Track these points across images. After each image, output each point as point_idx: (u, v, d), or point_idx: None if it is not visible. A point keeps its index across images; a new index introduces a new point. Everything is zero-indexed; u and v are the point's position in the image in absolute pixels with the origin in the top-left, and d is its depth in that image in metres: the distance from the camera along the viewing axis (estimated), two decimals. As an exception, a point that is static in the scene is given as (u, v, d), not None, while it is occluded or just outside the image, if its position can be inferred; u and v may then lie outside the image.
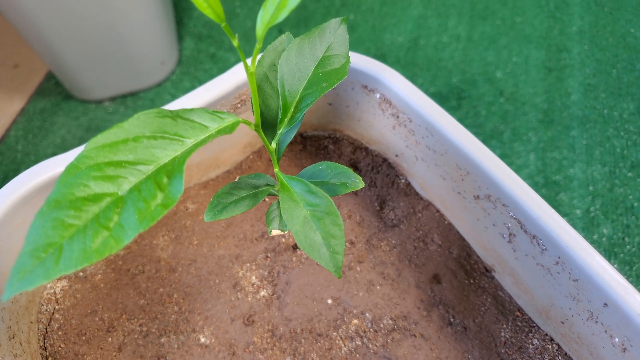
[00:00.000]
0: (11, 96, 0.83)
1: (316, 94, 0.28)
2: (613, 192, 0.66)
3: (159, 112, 0.23)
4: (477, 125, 0.72)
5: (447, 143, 0.35)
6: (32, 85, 0.84)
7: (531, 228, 0.33)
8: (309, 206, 0.28)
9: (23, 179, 0.35)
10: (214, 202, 0.30)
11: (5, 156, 0.76)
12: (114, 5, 0.67)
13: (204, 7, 0.21)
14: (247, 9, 0.89)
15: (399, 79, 0.37)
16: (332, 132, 0.46)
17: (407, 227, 0.41)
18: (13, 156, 0.76)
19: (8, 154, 0.77)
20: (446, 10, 0.85)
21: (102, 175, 0.21)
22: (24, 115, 0.81)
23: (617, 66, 0.77)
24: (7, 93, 0.83)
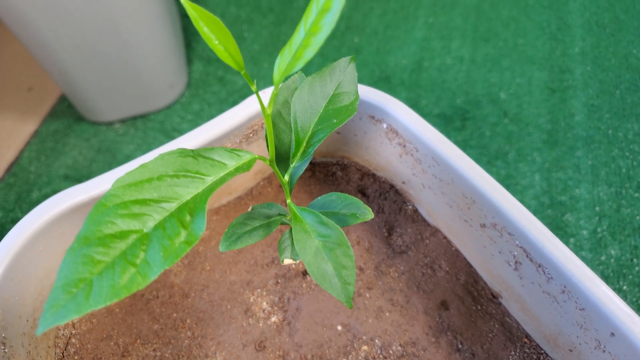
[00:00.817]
0: (25, 118, 0.85)
1: (327, 130, 0.30)
2: (620, 213, 0.67)
3: (181, 152, 0.25)
4: (482, 146, 0.73)
5: (453, 173, 0.36)
6: (46, 108, 0.86)
7: (537, 257, 0.34)
8: (320, 237, 0.29)
9: (44, 208, 0.36)
10: (229, 232, 0.31)
11: (18, 177, 0.78)
12: (126, 32, 0.69)
13: (225, 56, 0.22)
14: (254, 33, 0.91)
15: (405, 109, 0.39)
16: (340, 158, 0.48)
17: (415, 254, 0.41)
18: (26, 177, 0.78)
19: (21, 175, 0.78)
20: (449, 33, 0.87)
21: (128, 213, 0.22)
22: (37, 137, 0.82)
23: (621, 87, 0.78)
24: (21, 115, 0.85)
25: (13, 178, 0.78)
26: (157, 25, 0.73)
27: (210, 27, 0.21)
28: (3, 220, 0.73)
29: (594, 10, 0.87)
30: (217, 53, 0.22)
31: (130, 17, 0.68)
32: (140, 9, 0.68)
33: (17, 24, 0.64)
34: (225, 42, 0.22)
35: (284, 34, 0.90)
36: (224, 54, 0.22)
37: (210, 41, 0.22)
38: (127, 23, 0.68)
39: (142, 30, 0.71)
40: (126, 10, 0.67)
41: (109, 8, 0.65)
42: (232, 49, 0.22)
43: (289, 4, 0.95)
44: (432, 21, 0.89)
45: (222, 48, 0.22)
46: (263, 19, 0.93)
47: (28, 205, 0.74)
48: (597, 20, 0.86)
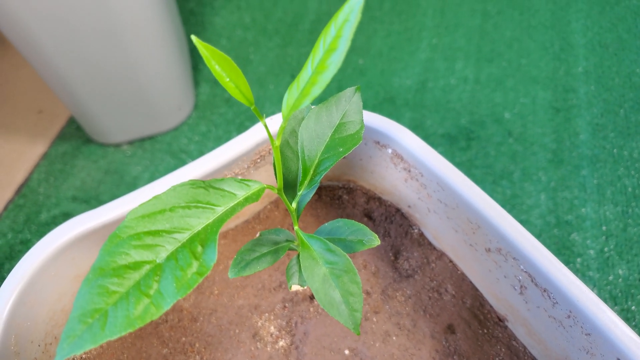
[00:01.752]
0: (35, 140, 0.86)
1: (333, 159, 0.30)
2: (627, 232, 0.67)
3: (192, 183, 0.25)
4: (487, 165, 0.74)
5: (458, 198, 0.37)
6: (55, 130, 0.88)
7: (541, 282, 0.34)
8: (328, 264, 0.29)
9: (56, 234, 0.37)
10: (238, 258, 0.32)
11: (27, 199, 0.79)
12: (134, 55, 0.70)
13: (236, 93, 0.23)
14: (260, 55, 0.92)
15: (409, 135, 0.39)
16: (346, 182, 0.48)
17: (421, 277, 0.42)
18: (35, 199, 0.79)
19: (30, 197, 0.79)
20: (453, 54, 0.88)
21: (142, 244, 0.23)
22: (46, 159, 0.84)
23: (625, 106, 0.78)
24: (31, 137, 0.87)
25: (22, 199, 0.79)
26: (165, 48, 0.74)
27: (221, 66, 0.22)
28: (12, 242, 0.73)
29: (596, 30, 0.88)
30: (228, 90, 0.23)
31: (138, 40, 0.69)
32: (148, 33, 0.69)
33: (28, 48, 0.65)
34: (236, 80, 0.23)
35: (289, 56, 0.91)
36: (235, 90, 0.23)
37: (221, 79, 0.22)
38: (135, 47, 0.69)
39: (150, 53, 0.72)
40: (135, 34, 0.68)
41: (118, 32, 0.66)
42: (242, 86, 0.23)
43: (294, 27, 0.96)
44: (436, 42, 0.90)
45: (233, 85, 0.23)
46: (269, 41, 0.94)
47: (37, 226, 0.75)
48: (599, 40, 0.87)
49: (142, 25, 0.68)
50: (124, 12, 0.65)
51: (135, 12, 0.66)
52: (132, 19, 0.66)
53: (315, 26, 0.95)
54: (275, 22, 0.98)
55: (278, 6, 1.01)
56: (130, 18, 0.66)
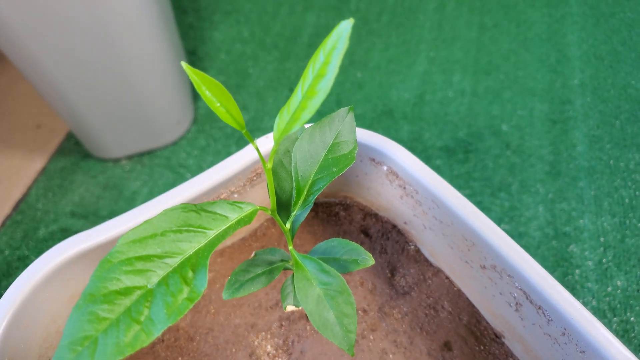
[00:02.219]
0: (33, 156, 0.86)
1: (327, 179, 0.30)
2: (625, 243, 0.66)
3: (184, 207, 0.25)
4: (485, 178, 0.74)
5: (453, 215, 0.37)
6: (53, 145, 0.88)
7: (536, 299, 0.34)
8: (322, 285, 0.29)
9: (50, 255, 0.37)
10: (232, 280, 0.32)
11: (25, 215, 0.79)
12: (133, 71, 0.71)
13: (226, 117, 0.23)
14: (259, 69, 0.93)
15: (404, 153, 0.39)
16: (343, 198, 0.48)
17: (417, 294, 0.42)
18: (33, 214, 0.79)
19: (28, 213, 0.79)
20: (450, 67, 0.88)
21: (133, 270, 0.23)
22: (45, 174, 0.84)
23: (620, 117, 0.78)
24: (29, 152, 0.87)
25: (20, 215, 0.79)
26: (164, 64, 0.75)
27: (211, 91, 0.22)
28: (10, 258, 0.73)
29: (591, 42, 0.89)
30: (219, 115, 0.23)
31: (137, 57, 0.70)
32: (147, 50, 0.70)
33: (26, 64, 0.66)
34: (226, 105, 0.23)
35: (288, 70, 0.92)
36: (226, 115, 0.23)
37: (212, 104, 0.23)
38: (134, 63, 0.70)
39: (149, 69, 0.72)
40: (134, 51, 0.68)
41: (117, 50, 0.67)
42: (233, 111, 0.23)
43: (292, 41, 0.97)
44: (434, 55, 0.91)
45: (224, 110, 0.23)
46: (268, 55, 0.95)
47: (35, 242, 0.75)
48: (595, 52, 0.87)
49: (141, 42, 0.69)
50: (122, 30, 0.65)
51: (134, 29, 0.66)
52: (130, 36, 0.66)
53: (313, 40, 0.96)
54: (273, 36, 0.98)
55: (277, 20, 1.01)
56: (129, 35, 0.66)
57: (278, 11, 1.03)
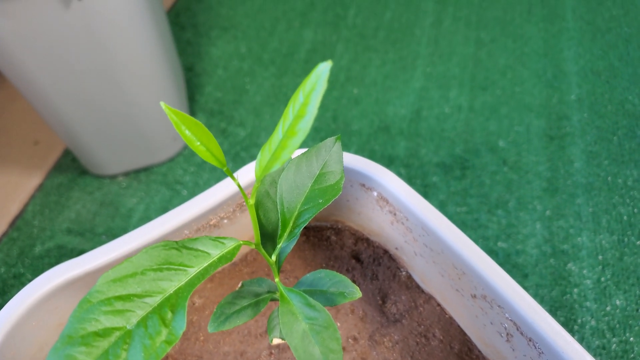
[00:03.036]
0: (30, 172, 0.86)
1: (313, 210, 0.30)
2: (623, 262, 0.66)
3: (165, 244, 0.25)
4: (482, 194, 0.73)
5: (442, 244, 0.37)
6: (50, 162, 0.88)
7: (527, 331, 0.34)
8: (307, 320, 0.29)
9: (38, 283, 0.37)
10: (217, 312, 0.31)
11: (22, 232, 0.79)
12: (129, 87, 0.71)
13: (207, 156, 0.23)
14: (256, 85, 0.93)
15: (394, 179, 0.39)
16: (334, 223, 0.48)
17: (409, 322, 0.41)
18: (29, 231, 0.79)
19: (25, 229, 0.79)
20: (447, 82, 0.88)
21: (112, 310, 0.23)
22: (42, 191, 0.84)
23: (618, 133, 0.78)
24: (26, 169, 0.87)
25: (16, 232, 0.79)
26: (161, 81, 0.75)
27: (191, 130, 0.22)
28: (5, 276, 0.73)
29: (588, 57, 0.89)
30: (198, 154, 0.23)
31: (134, 75, 0.70)
32: (144, 68, 0.70)
33: (22, 82, 0.66)
34: (207, 143, 0.23)
35: (285, 86, 0.92)
36: (206, 153, 0.23)
37: (191, 143, 0.22)
38: (131, 81, 0.70)
39: (146, 87, 0.73)
40: (130, 67, 0.68)
41: (113, 65, 0.67)
42: (213, 149, 0.23)
43: (289, 57, 0.97)
44: (430, 71, 0.91)
45: (204, 149, 0.23)
46: (265, 71, 0.95)
47: (30, 260, 0.75)
48: (591, 68, 0.87)
49: (137, 61, 0.69)
50: (119, 47, 0.66)
51: (131, 46, 0.67)
52: (127, 53, 0.67)
53: (310, 56, 0.96)
54: (271, 52, 0.98)
55: (274, 36, 1.02)
56: (126, 52, 0.67)
57: (275, 27, 1.04)
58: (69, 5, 0.60)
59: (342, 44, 0.98)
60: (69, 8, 0.60)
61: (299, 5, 1.07)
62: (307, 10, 1.06)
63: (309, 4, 1.08)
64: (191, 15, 1.09)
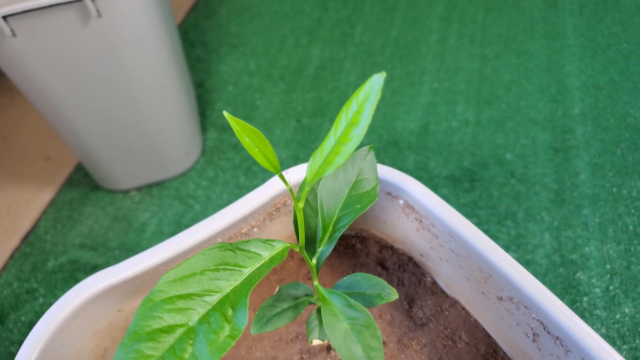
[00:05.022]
0: (42, 187, 0.87)
1: (352, 215, 0.32)
2: (630, 270, 0.67)
3: (221, 246, 0.26)
4: (491, 206, 0.75)
5: (469, 248, 0.38)
6: (62, 177, 0.89)
7: (554, 330, 0.35)
8: (349, 320, 0.30)
9: (76, 291, 0.38)
10: (259, 315, 0.32)
11: (34, 247, 0.79)
12: (143, 103, 0.72)
13: (263, 161, 0.24)
14: (266, 101, 0.94)
15: (420, 187, 0.41)
16: (359, 231, 0.49)
17: (435, 326, 0.42)
18: (42, 246, 0.79)
19: (37, 245, 0.80)
20: (454, 97, 0.90)
21: (174, 308, 0.24)
22: (54, 206, 0.84)
23: (621, 145, 0.80)
24: (38, 184, 0.88)
25: (29, 247, 0.79)
26: (174, 97, 0.76)
27: (250, 138, 0.24)
28: (18, 291, 0.74)
29: (590, 72, 0.91)
30: (256, 159, 0.24)
31: (148, 90, 0.71)
32: (158, 83, 0.72)
33: (41, 99, 0.67)
34: (264, 150, 0.24)
35: (294, 101, 0.94)
36: (263, 159, 0.24)
37: (251, 149, 0.24)
38: (145, 96, 0.71)
39: (159, 102, 0.74)
40: (144, 85, 0.70)
41: (128, 83, 0.68)
42: (270, 155, 0.24)
43: (298, 74, 0.99)
44: (437, 86, 0.93)
45: (262, 155, 0.24)
46: (274, 87, 0.97)
47: (43, 275, 0.75)
48: (593, 82, 0.90)
49: (152, 76, 0.70)
50: (136, 64, 0.67)
51: (146, 63, 0.68)
52: (142, 70, 0.68)
53: (319, 72, 0.98)
54: (280, 69, 1.00)
55: (282, 53, 1.04)
56: (141, 69, 0.68)
57: (284, 44, 1.06)
58: (88, 22, 0.61)
59: (349, 60, 1.00)
60: (88, 25, 0.61)
61: (306, 23, 1.10)
62: (314, 28, 1.09)
63: (316, 21, 1.10)
64: (200, 33, 1.11)
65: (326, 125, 0.89)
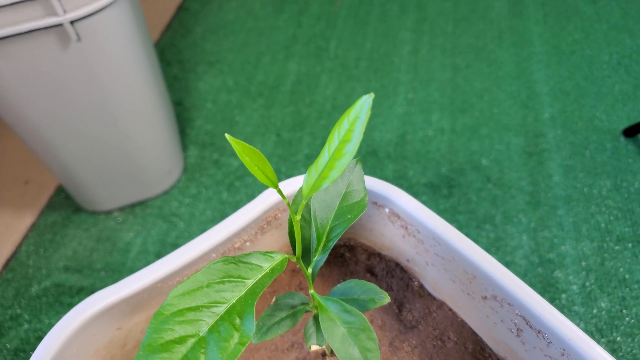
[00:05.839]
0: (22, 212, 0.86)
1: (344, 225, 0.33)
2: (604, 266, 0.70)
3: (225, 260, 0.28)
4: (470, 211, 0.77)
5: (454, 252, 0.40)
6: (43, 200, 0.88)
7: (535, 324, 0.37)
8: (345, 324, 0.31)
9: (76, 312, 0.38)
10: (259, 324, 0.34)
11: (16, 272, 0.78)
12: (124, 124, 0.72)
13: (263, 178, 0.26)
14: (245, 116, 0.96)
15: (404, 196, 0.43)
16: (348, 240, 0.51)
17: (424, 327, 0.44)
18: (24, 272, 0.78)
19: (19, 270, 0.79)
20: (428, 107, 0.93)
21: (185, 320, 0.25)
22: (35, 230, 0.84)
23: (590, 147, 0.84)
24: (17, 209, 0.87)
25: (11, 273, 0.78)
26: (154, 115, 0.77)
27: (251, 157, 0.25)
28: (1, 318, 0.73)
29: (557, 78, 0.95)
30: (256, 176, 0.26)
31: (129, 112, 0.72)
32: (137, 102, 0.72)
33: (18, 120, 0.67)
34: (263, 168, 0.26)
35: (273, 116, 0.95)
36: (262, 176, 0.26)
37: (251, 167, 0.25)
38: (126, 115, 0.72)
39: (139, 121, 0.74)
40: (125, 103, 0.70)
41: (109, 101, 0.69)
42: (269, 173, 0.26)
43: (276, 89, 1.01)
44: (412, 97, 0.96)
45: (261, 172, 0.26)
46: (253, 103, 0.98)
47: (27, 300, 0.74)
48: (561, 88, 0.94)
49: (132, 97, 0.71)
50: (115, 86, 0.68)
51: (125, 85, 0.69)
52: (122, 91, 0.69)
53: (296, 87, 1.00)
54: (257, 85, 1.02)
55: (259, 69, 1.06)
56: (120, 91, 0.68)
57: (260, 60, 1.08)
58: (67, 46, 0.62)
59: (326, 74, 1.03)
60: (68, 49, 0.62)
61: (281, 39, 1.12)
62: (290, 44, 1.11)
63: (291, 37, 1.12)
64: (176, 52, 1.12)
65: (306, 139, 0.90)
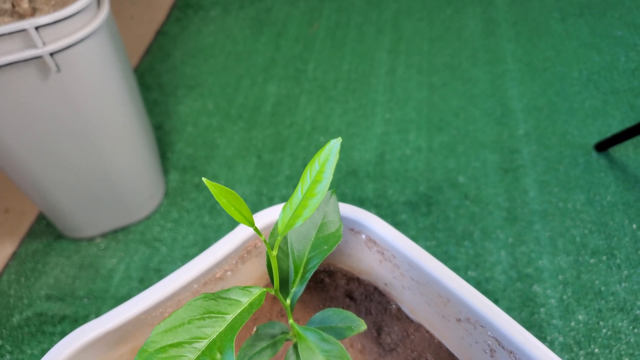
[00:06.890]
0: (2, 241, 0.86)
1: (320, 256, 0.34)
2: (580, 279, 0.72)
3: (205, 296, 0.29)
4: (448, 228, 0.79)
5: (428, 276, 0.42)
6: (23, 229, 0.88)
7: (507, 345, 0.39)
8: (323, 352, 0.32)
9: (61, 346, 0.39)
10: (241, 354, 0.34)
11: (-3, 303, 0.78)
12: (105, 153, 0.73)
13: (239, 218, 0.27)
14: (226, 139, 0.97)
15: (379, 222, 0.44)
16: (327, 265, 0.52)
17: (403, 350, 0.45)
18: (5, 302, 0.78)
19: (0, 300, 0.78)
20: (405, 126, 0.95)
21: (167, 356, 0.26)
22: (16, 259, 0.83)
23: (564, 162, 0.86)
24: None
25: (-8, 304, 0.78)
26: (134, 141, 0.77)
27: (227, 199, 0.26)
28: (-17, 350, 0.72)
29: (530, 95, 0.98)
30: (232, 216, 0.27)
31: (108, 136, 0.72)
32: (118, 128, 0.73)
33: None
34: (240, 208, 0.27)
35: (254, 138, 0.96)
36: (238, 216, 0.27)
37: (228, 208, 0.26)
38: (106, 141, 0.72)
39: (120, 147, 0.75)
40: (106, 130, 0.71)
41: (90, 129, 0.69)
42: (245, 212, 0.27)
43: (256, 111, 1.02)
44: (389, 117, 0.98)
45: (238, 212, 0.27)
46: (233, 125, 0.99)
47: (9, 330, 0.74)
48: (534, 104, 0.96)
49: (112, 124, 0.71)
50: (96, 114, 0.68)
51: (106, 112, 0.69)
52: (102, 118, 0.69)
53: (276, 109, 1.01)
54: (237, 107, 1.03)
55: (239, 92, 1.07)
56: (101, 118, 0.69)
57: (240, 83, 1.09)
58: (47, 77, 0.62)
59: (305, 96, 1.04)
60: (48, 79, 0.62)
61: (260, 62, 1.14)
62: (268, 66, 1.12)
63: (270, 60, 1.14)
64: (156, 76, 1.13)
65: (287, 160, 0.92)
